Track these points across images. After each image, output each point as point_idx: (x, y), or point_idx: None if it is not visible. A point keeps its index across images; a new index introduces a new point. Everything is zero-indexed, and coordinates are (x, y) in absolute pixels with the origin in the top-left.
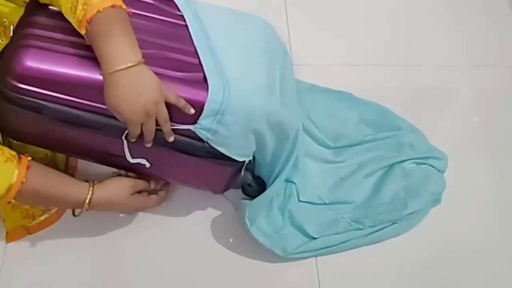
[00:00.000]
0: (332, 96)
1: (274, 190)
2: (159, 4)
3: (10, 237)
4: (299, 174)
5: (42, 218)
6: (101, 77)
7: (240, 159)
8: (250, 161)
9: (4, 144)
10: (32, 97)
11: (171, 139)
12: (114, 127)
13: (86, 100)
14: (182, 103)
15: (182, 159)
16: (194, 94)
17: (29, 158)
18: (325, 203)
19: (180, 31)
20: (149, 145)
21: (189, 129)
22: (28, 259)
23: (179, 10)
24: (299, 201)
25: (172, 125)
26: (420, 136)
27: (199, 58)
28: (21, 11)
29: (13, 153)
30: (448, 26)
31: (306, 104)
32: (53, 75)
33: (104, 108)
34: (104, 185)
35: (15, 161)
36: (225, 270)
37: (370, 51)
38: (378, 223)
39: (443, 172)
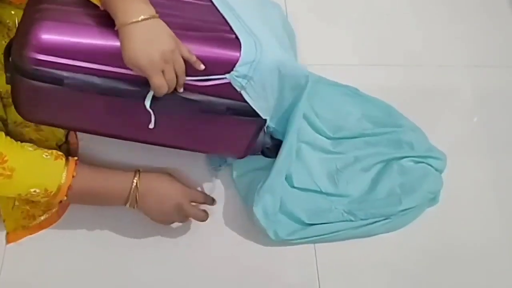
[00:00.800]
0: (338, 89)
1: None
2: None
3: (10, 237)
4: (295, 161)
5: (42, 218)
6: (117, 42)
7: (264, 115)
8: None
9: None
10: (51, 68)
11: (181, 90)
12: (135, 91)
13: (106, 65)
14: (193, 58)
15: (203, 122)
16: (225, 51)
17: (76, 158)
18: (321, 191)
19: (203, 8)
20: (181, 90)
21: (210, 86)
22: (28, 259)
23: None
24: (293, 187)
25: (205, 78)
26: (421, 135)
27: (227, 24)
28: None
29: (60, 153)
30: (448, 26)
31: (311, 95)
32: (70, 43)
33: (123, 73)
34: (148, 174)
35: (64, 159)
36: (225, 270)
37: (370, 51)
38: (371, 217)
39: (441, 172)
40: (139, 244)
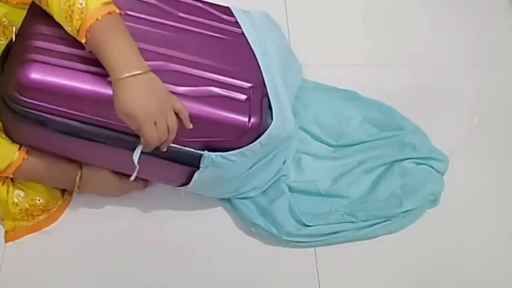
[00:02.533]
0: (337, 94)
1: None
2: (162, 4)
3: (9, 236)
4: (296, 170)
5: (41, 217)
6: (105, 91)
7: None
8: None
9: None
10: (36, 110)
11: (164, 149)
12: (120, 139)
13: (90, 114)
14: (186, 114)
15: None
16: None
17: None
18: (321, 194)
19: (186, 37)
20: (164, 149)
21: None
22: (28, 259)
23: (186, 12)
24: (294, 192)
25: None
26: (423, 137)
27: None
28: (20, 11)
29: None
30: (449, 26)
31: (310, 102)
32: (56, 89)
33: (107, 122)
34: (89, 168)
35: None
36: (225, 270)
37: (370, 51)
38: (372, 218)
39: (442, 174)
40: (139, 244)
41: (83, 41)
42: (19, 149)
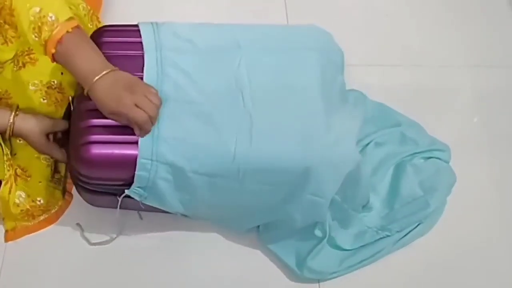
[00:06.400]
0: None
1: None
2: None
3: (9, 235)
4: None
5: (41, 218)
6: None
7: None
8: None
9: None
10: (101, 184)
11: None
12: None
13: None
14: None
15: None
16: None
17: None
18: (345, 209)
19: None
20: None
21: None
22: (28, 259)
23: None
24: None
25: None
26: (420, 130)
27: None
28: None
29: None
30: (448, 26)
31: None
32: (115, 163)
33: None
34: (26, 117)
35: None
36: (226, 270)
37: (370, 51)
38: (405, 226)
39: (448, 162)
40: (139, 244)
41: (52, 51)
42: None
